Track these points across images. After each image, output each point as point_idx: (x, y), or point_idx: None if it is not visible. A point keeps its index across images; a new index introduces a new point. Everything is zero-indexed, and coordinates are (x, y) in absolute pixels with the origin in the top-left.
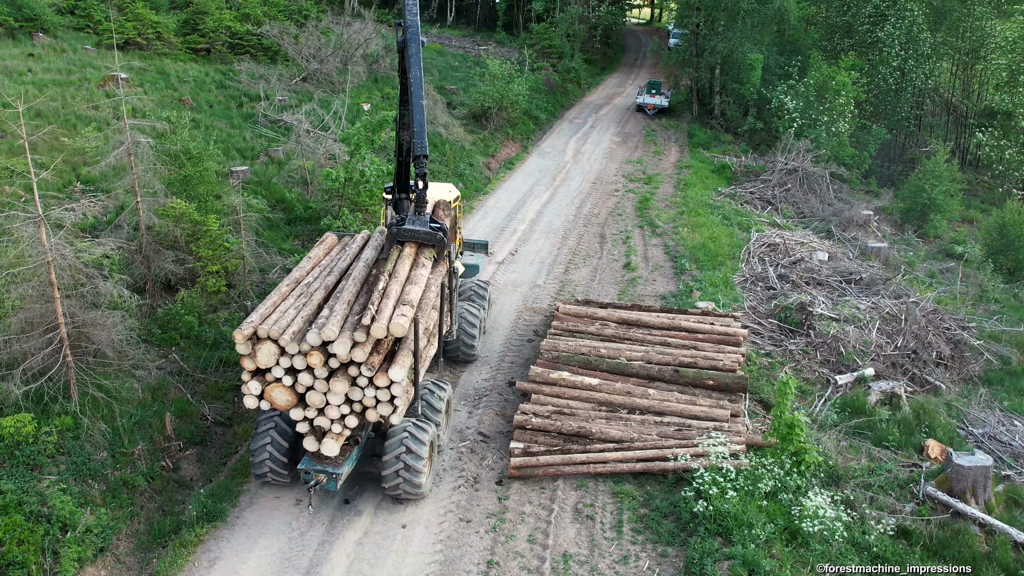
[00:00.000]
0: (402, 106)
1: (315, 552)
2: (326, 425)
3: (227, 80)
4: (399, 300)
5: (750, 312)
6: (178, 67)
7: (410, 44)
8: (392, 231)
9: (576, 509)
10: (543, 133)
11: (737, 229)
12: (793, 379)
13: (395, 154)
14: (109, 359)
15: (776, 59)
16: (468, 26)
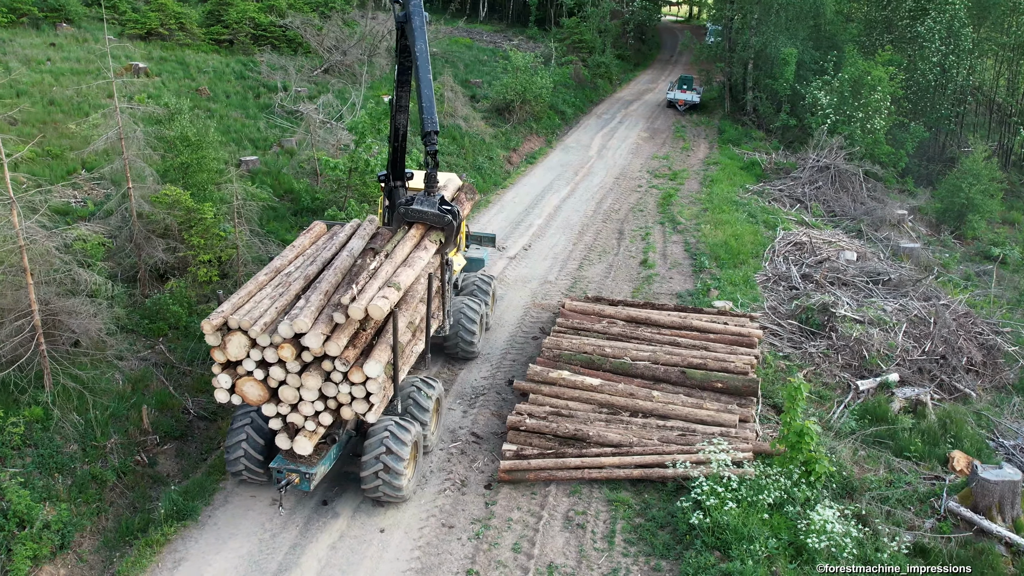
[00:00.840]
0: (399, 87)
1: (285, 556)
2: (299, 422)
3: (247, 71)
4: (386, 282)
5: (769, 312)
6: (199, 58)
7: (413, 17)
8: (400, 211)
9: (567, 517)
10: (569, 128)
11: (763, 227)
12: (804, 383)
13: (389, 140)
14: (87, 349)
15: (811, 54)
16: (500, 22)
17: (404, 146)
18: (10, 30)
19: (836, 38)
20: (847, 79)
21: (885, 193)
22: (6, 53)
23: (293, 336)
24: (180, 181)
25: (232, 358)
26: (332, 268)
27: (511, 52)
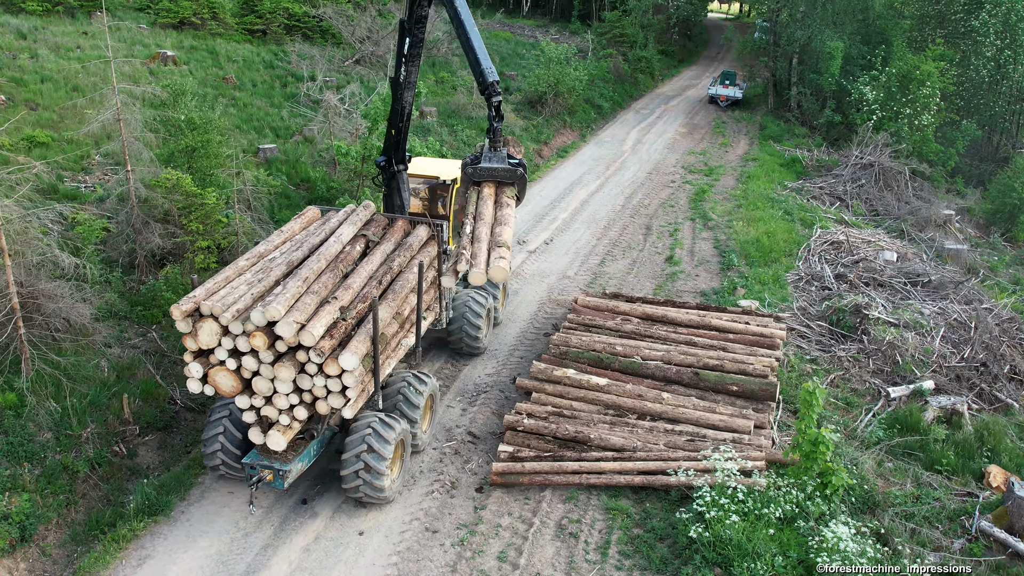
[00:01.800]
0: (408, 63)
1: (255, 557)
2: (273, 415)
3: (276, 60)
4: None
5: (798, 313)
6: (230, 47)
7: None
8: (467, 171)
9: (560, 525)
10: (605, 122)
11: (799, 225)
12: (820, 388)
13: (390, 122)
14: (74, 335)
15: (859, 48)
16: (544, 16)
17: (407, 127)
18: (44, 18)
19: (886, 33)
20: (895, 73)
21: (932, 192)
22: (36, 40)
23: (266, 324)
24: (185, 166)
25: (204, 346)
26: (316, 255)
27: (544, 43)
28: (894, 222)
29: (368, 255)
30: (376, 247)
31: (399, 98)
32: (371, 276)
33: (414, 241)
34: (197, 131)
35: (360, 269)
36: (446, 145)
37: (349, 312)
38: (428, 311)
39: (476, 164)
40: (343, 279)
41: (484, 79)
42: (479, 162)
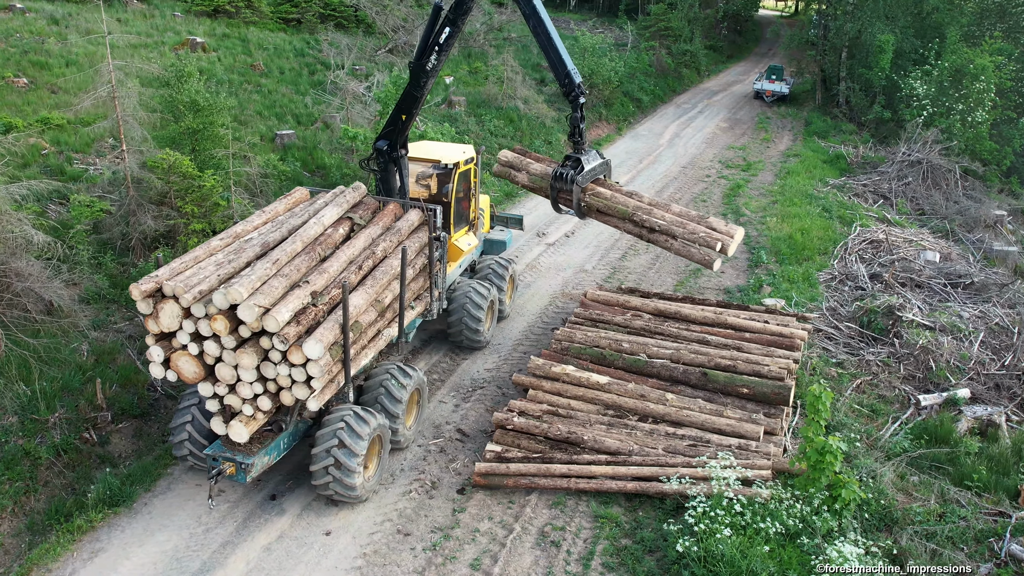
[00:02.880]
0: (440, 52)
1: (212, 554)
2: (237, 405)
3: (308, 49)
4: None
5: (827, 314)
6: (262, 35)
7: None
8: (577, 182)
9: (542, 532)
10: (644, 116)
11: (837, 223)
12: (828, 391)
13: (401, 107)
14: (54, 316)
15: (912, 42)
16: (591, 11)
17: (416, 115)
18: (79, 5)
19: (942, 27)
20: (947, 68)
21: (984, 192)
22: (68, 26)
23: (229, 308)
24: (188, 148)
25: (165, 329)
26: (293, 236)
27: (579, 33)
28: (941, 222)
29: (352, 239)
30: (362, 231)
31: (419, 85)
32: (351, 261)
33: (404, 226)
34: (201, 113)
35: (339, 253)
36: (471, 134)
37: (322, 298)
38: (417, 300)
39: (579, 171)
40: (320, 263)
41: (571, 80)
42: (580, 167)
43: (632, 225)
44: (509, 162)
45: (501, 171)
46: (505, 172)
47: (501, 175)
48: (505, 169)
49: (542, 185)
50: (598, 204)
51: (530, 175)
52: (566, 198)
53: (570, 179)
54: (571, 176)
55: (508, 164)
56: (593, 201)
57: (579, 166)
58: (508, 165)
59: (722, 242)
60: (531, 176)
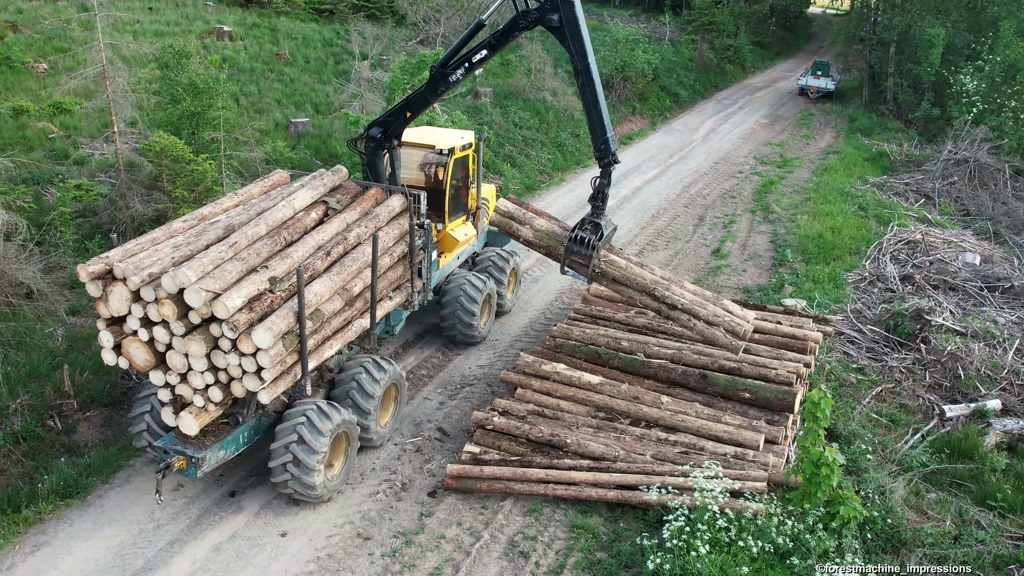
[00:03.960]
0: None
1: (158, 552)
2: (188, 395)
3: (336, 39)
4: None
5: (851, 316)
6: (292, 25)
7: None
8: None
9: (512, 541)
10: (681, 111)
11: (873, 222)
12: (828, 398)
13: (410, 104)
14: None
15: (964, 37)
16: (636, 6)
17: (417, 116)
18: None
19: (997, 21)
20: (1000, 63)
21: None
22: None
23: (178, 292)
24: (187, 132)
25: (115, 313)
26: (257, 219)
27: (612, 24)
28: (985, 223)
29: (324, 224)
30: (336, 216)
31: (435, 92)
32: (320, 247)
33: (383, 212)
34: (201, 95)
35: (308, 238)
36: (495, 125)
37: (281, 284)
38: (396, 291)
39: (599, 236)
40: (285, 248)
41: (607, 146)
42: (600, 232)
43: (650, 299)
44: (509, 213)
45: (500, 222)
46: (505, 224)
47: (500, 226)
48: (505, 220)
49: (548, 243)
50: (614, 273)
51: (535, 231)
52: (580, 262)
53: (591, 244)
54: (592, 241)
55: (508, 215)
56: (609, 269)
57: (599, 231)
58: (508, 216)
59: (744, 327)
60: (536, 232)
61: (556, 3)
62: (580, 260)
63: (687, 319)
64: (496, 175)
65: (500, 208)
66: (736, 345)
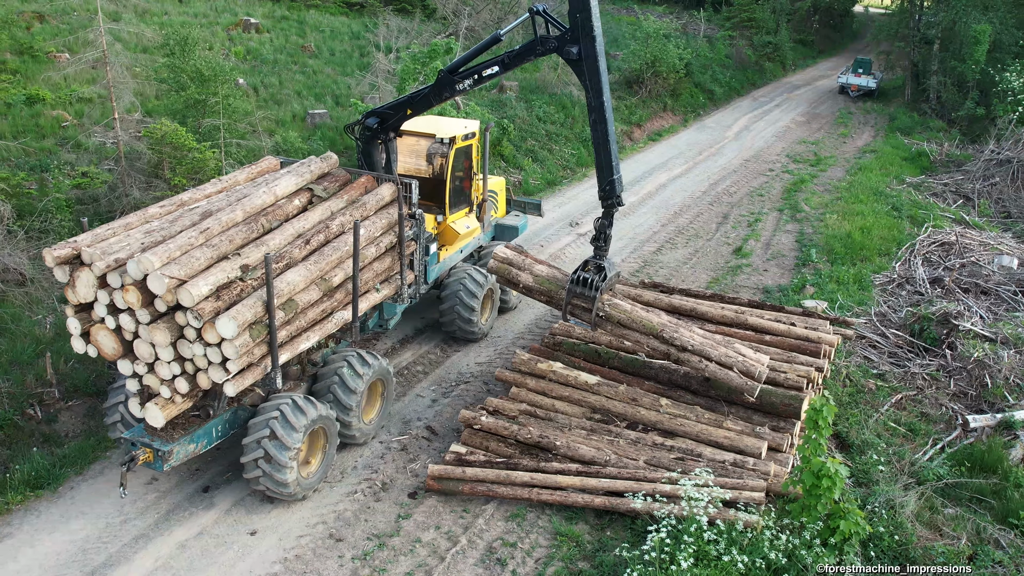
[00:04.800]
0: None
1: (121, 548)
2: (155, 386)
3: (364, 32)
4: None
5: (875, 319)
6: (321, 18)
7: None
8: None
9: (490, 548)
10: (715, 108)
11: (907, 222)
12: (830, 405)
13: (413, 102)
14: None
15: (1012, 33)
16: (676, 3)
17: (417, 115)
18: None
19: None
20: None
21: None
22: (125, 6)
23: (143, 278)
24: (192, 119)
25: (82, 299)
26: (234, 205)
27: (643, 18)
28: None
29: (307, 211)
30: (320, 203)
31: (439, 95)
32: (300, 235)
33: (371, 201)
34: (208, 83)
35: (287, 226)
36: (518, 119)
37: (253, 272)
38: (385, 283)
39: (602, 278)
40: (262, 235)
41: (613, 187)
42: (603, 274)
43: (658, 342)
44: (508, 260)
45: (498, 268)
46: (504, 270)
47: (498, 273)
48: (503, 267)
49: (549, 288)
50: (618, 316)
51: (535, 276)
52: (582, 306)
53: (593, 286)
54: (595, 282)
55: (507, 262)
56: (613, 312)
57: (602, 272)
58: (507, 263)
59: (758, 368)
60: (536, 278)
61: (577, 36)
62: (583, 304)
63: (698, 360)
64: (516, 169)
65: (498, 255)
66: (751, 387)
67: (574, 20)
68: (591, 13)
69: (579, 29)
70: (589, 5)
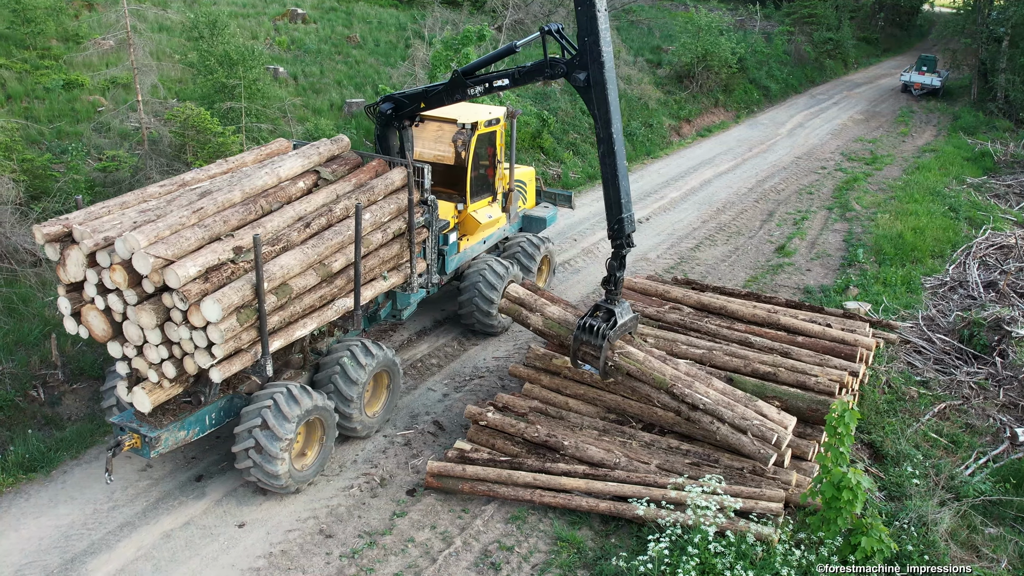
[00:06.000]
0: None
1: (104, 535)
2: (143, 370)
3: (412, 23)
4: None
5: (921, 324)
6: (369, 10)
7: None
8: (606, 336)
9: (486, 551)
10: (770, 105)
11: (964, 224)
12: (853, 411)
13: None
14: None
15: None
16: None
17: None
18: None
19: None
20: None
21: None
22: None
23: (131, 257)
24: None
25: (72, 279)
26: (232, 186)
27: (694, 11)
28: None
29: (311, 194)
30: (326, 186)
31: (451, 96)
32: (300, 218)
33: (380, 185)
34: (238, 66)
35: (287, 208)
36: (561, 112)
37: (247, 255)
38: (393, 271)
39: (611, 325)
40: (260, 217)
41: (622, 226)
42: (612, 320)
43: (669, 398)
44: (520, 299)
45: (509, 307)
46: (515, 310)
47: (509, 312)
48: (514, 307)
49: (559, 332)
50: (629, 367)
51: (545, 319)
52: (590, 353)
53: (600, 333)
54: (602, 330)
55: (519, 301)
56: (623, 362)
57: (611, 318)
58: (518, 302)
59: (777, 433)
60: (546, 320)
61: (585, 61)
62: (590, 351)
63: (709, 421)
64: (556, 162)
65: (510, 294)
66: (764, 455)
67: (582, 44)
68: (599, 37)
69: (587, 54)
70: (597, 28)
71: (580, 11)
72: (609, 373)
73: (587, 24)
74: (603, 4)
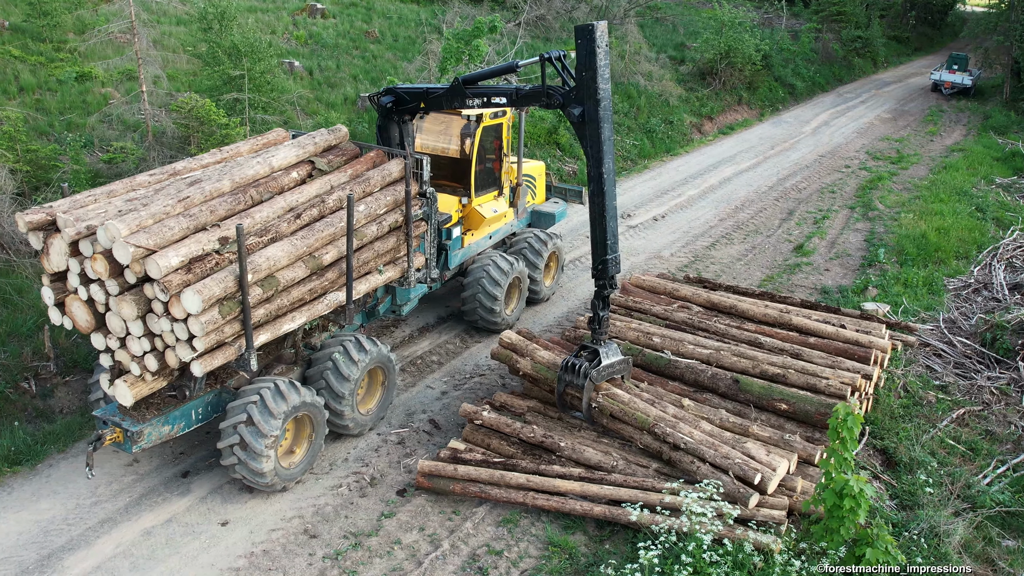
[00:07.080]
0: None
1: (84, 531)
2: (126, 362)
3: (432, 19)
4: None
5: (942, 326)
6: (389, 6)
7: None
8: (591, 376)
9: (474, 555)
10: (795, 103)
11: (992, 225)
12: (856, 415)
13: (429, 98)
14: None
15: None
16: None
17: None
18: None
19: None
20: None
21: None
22: None
23: (112, 246)
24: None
25: (55, 268)
26: (221, 175)
27: (717, 7)
28: None
29: (304, 185)
30: (322, 176)
31: (450, 103)
32: (291, 209)
33: (376, 176)
34: (245, 57)
35: (278, 198)
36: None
37: (233, 245)
38: (390, 265)
39: (595, 364)
40: (249, 207)
41: (607, 267)
42: (596, 360)
43: (651, 438)
44: (512, 344)
45: (501, 353)
46: (506, 355)
47: (501, 358)
48: (506, 352)
49: (546, 376)
50: (612, 408)
51: (534, 363)
52: (574, 395)
53: (583, 372)
54: (585, 369)
55: (511, 347)
56: (607, 404)
57: (596, 359)
58: (511, 348)
59: (762, 474)
60: (535, 364)
61: (582, 97)
62: (574, 392)
63: (690, 461)
64: (573, 159)
65: (503, 340)
66: (745, 495)
67: (580, 79)
68: (597, 73)
69: (584, 89)
70: (596, 64)
71: (580, 44)
72: (595, 417)
73: (586, 60)
74: (604, 40)
